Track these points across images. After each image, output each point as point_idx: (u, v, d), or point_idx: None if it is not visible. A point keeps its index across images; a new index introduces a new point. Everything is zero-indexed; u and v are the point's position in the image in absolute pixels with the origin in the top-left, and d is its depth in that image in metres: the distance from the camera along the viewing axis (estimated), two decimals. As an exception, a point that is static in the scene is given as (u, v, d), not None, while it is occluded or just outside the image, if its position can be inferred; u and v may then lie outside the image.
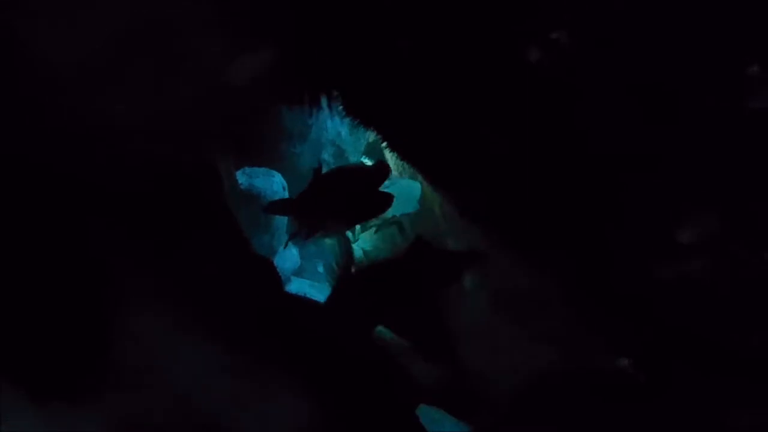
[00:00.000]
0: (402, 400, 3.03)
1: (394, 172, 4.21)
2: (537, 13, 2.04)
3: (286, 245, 4.22)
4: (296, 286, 4.82)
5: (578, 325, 3.19)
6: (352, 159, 5.12)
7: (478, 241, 3.49)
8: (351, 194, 3.21)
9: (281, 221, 4.47)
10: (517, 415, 3.52)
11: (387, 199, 3.22)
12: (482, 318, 4.16)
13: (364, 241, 4.74)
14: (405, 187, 4.16)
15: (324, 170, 3.45)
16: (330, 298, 3.26)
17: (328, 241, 4.11)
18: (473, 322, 4.19)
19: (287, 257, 4.68)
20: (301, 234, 3.53)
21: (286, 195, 4.58)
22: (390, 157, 4.04)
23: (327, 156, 5.14)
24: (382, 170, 3.24)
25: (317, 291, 4.70)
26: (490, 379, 4.03)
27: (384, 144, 3.14)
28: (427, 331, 4.08)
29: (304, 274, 5.12)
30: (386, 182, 3.27)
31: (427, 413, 3.88)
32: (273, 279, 2.83)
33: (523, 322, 3.72)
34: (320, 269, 5.30)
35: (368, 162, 4.72)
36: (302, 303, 3.13)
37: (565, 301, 3.18)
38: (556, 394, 3.35)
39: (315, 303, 3.37)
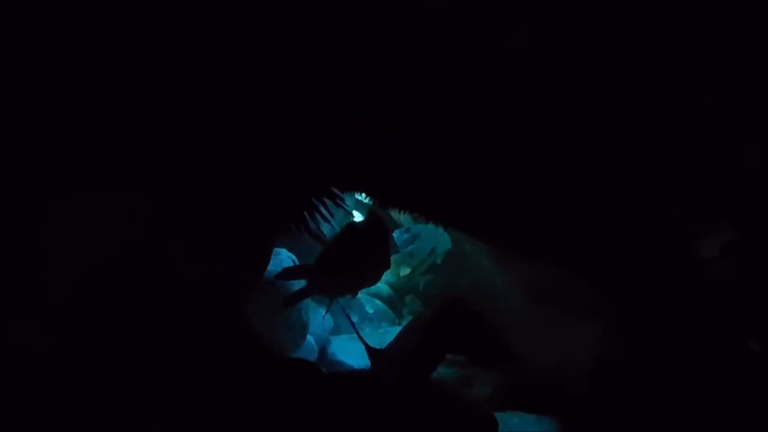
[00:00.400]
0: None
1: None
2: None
3: (327, 313, 4.23)
4: (335, 346, 4.87)
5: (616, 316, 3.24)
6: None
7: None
8: (359, 255, 3.24)
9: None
10: (594, 400, 3.57)
11: (385, 261, 3.26)
12: (522, 313, 4.21)
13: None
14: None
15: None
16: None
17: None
18: (514, 318, 4.24)
19: (322, 322, 4.71)
20: (312, 293, 3.55)
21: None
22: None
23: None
24: (375, 227, 3.27)
25: (357, 342, 4.77)
26: (552, 371, 4.08)
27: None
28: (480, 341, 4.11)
29: (341, 330, 5.17)
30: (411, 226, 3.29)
31: (505, 420, 3.93)
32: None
33: (565, 313, 3.76)
34: (354, 318, 5.35)
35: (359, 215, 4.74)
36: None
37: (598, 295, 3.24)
38: (622, 378, 3.40)
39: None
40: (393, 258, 5.13)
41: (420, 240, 4.94)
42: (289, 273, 3.79)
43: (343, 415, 2.75)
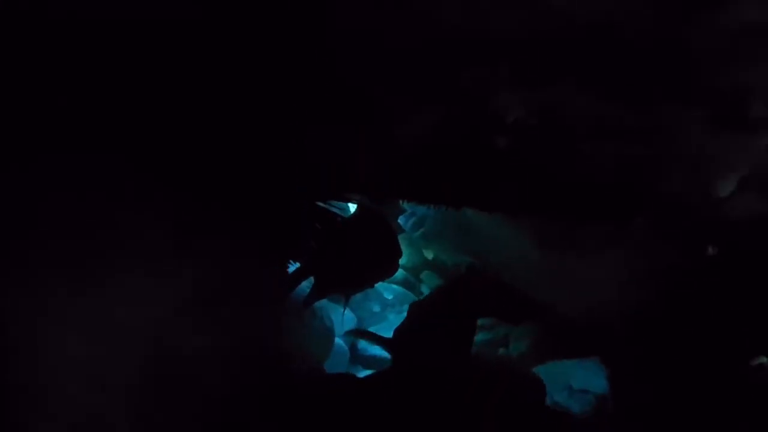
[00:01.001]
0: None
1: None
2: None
3: (344, 310, 4.19)
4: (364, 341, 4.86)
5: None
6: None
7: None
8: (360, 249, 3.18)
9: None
10: (630, 334, 3.56)
11: (395, 249, 3.20)
12: (539, 266, 4.19)
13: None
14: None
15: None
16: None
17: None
18: (532, 273, 4.22)
19: (345, 321, 4.68)
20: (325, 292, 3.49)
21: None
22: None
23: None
24: (370, 219, 3.21)
25: (383, 331, 4.75)
26: (582, 314, 4.07)
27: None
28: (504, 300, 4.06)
29: (365, 323, 5.15)
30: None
31: (548, 371, 3.92)
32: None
33: (581, 257, 3.74)
34: (376, 308, 5.34)
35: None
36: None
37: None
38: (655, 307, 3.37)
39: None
40: (408, 241, 5.13)
41: (429, 221, 4.90)
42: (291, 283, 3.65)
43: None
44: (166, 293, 2.08)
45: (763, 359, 2.94)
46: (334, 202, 3.42)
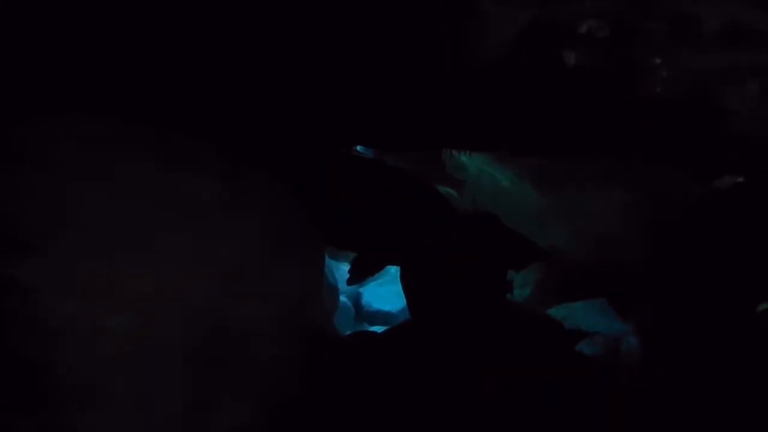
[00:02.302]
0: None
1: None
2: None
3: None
4: (368, 296, 4.82)
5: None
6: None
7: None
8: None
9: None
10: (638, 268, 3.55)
11: None
12: (538, 207, 4.15)
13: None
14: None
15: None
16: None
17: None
18: (530, 214, 4.19)
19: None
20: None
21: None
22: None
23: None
24: None
25: (387, 286, 4.70)
26: (584, 255, 4.06)
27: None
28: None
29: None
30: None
31: (555, 315, 3.92)
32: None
33: (580, 194, 3.71)
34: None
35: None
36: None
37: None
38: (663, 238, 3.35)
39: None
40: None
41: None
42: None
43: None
44: (214, 258, 1.97)
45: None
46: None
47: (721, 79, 2.14)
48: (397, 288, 3.62)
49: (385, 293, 4.70)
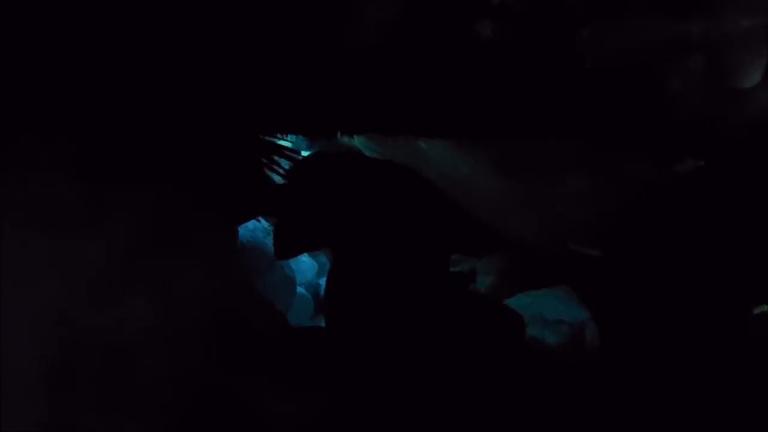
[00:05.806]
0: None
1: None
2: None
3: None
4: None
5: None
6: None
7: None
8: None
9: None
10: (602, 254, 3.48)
11: None
12: (499, 194, 4.06)
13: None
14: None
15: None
16: None
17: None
18: (491, 201, 4.10)
19: (305, 268, 4.52)
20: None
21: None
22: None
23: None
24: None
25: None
26: (545, 241, 3.99)
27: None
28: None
29: (326, 269, 4.98)
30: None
31: (517, 304, 3.84)
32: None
33: (542, 180, 3.62)
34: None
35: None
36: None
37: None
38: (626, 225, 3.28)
39: None
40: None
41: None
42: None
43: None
44: (76, 262, 1.80)
45: (765, 307, 2.78)
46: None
47: (659, 55, 2.03)
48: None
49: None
